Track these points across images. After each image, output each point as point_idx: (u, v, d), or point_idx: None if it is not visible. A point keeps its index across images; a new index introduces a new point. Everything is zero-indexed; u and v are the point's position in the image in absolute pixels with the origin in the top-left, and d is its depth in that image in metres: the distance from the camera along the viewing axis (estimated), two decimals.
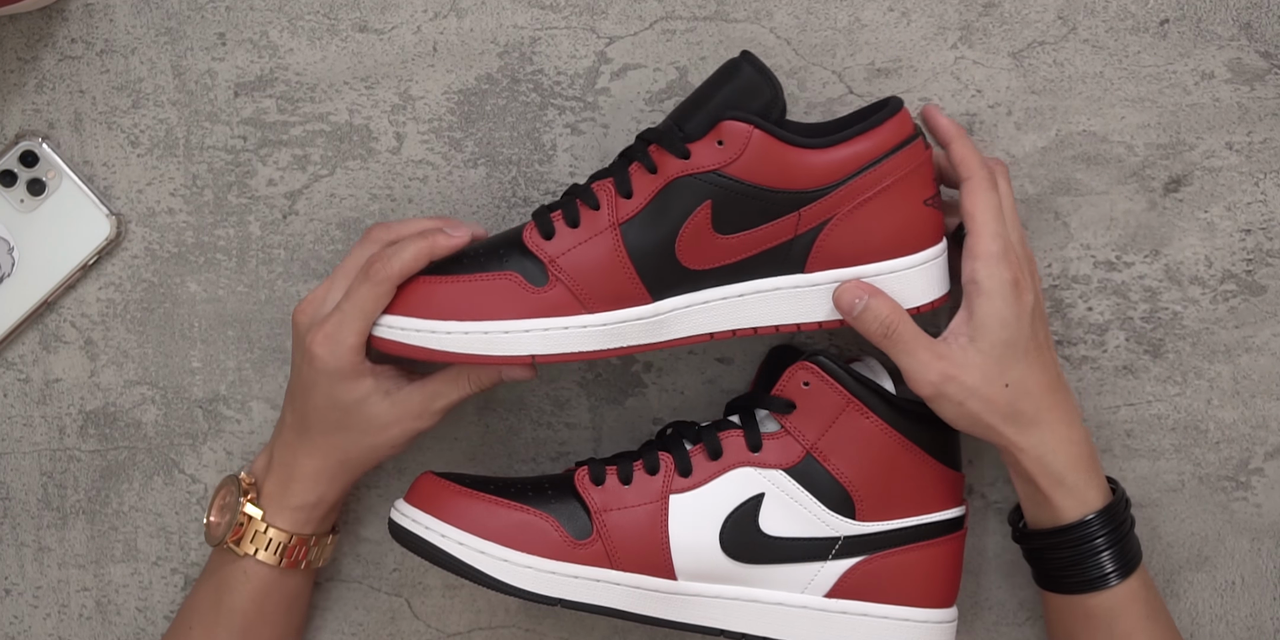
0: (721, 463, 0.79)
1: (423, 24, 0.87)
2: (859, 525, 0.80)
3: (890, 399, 0.79)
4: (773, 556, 0.79)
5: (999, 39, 0.86)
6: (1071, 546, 0.79)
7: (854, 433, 0.79)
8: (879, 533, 0.80)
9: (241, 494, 0.83)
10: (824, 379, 0.79)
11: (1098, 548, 0.78)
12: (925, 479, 0.80)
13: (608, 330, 0.77)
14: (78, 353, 0.90)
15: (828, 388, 0.79)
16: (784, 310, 0.78)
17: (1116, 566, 0.79)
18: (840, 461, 0.79)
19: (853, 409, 0.79)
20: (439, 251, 0.79)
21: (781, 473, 0.79)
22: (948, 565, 0.82)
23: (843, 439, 0.79)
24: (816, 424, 0.79)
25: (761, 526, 0.79)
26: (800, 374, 0.79)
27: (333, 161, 0.88)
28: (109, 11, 0.88)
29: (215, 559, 0.85)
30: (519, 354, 0.76)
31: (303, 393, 0.81)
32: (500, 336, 0.76)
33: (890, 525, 0.80)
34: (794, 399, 0.80)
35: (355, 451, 0.82)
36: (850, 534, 0.80)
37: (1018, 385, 0.77)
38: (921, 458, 0.80)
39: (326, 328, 0.79)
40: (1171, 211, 0.87)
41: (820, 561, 0.80)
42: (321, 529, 0.84)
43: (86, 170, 0.89)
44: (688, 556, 0.78)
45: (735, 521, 0.79)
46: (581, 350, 0.77)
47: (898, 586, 0.80)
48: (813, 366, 0.79)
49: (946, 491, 0.81)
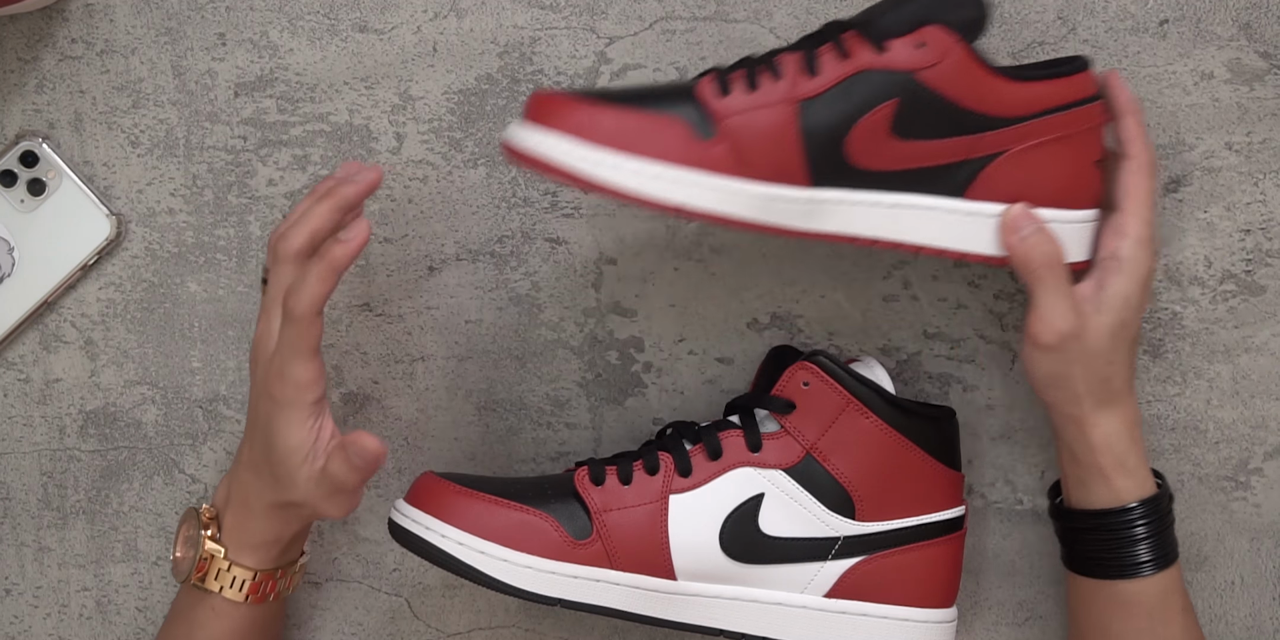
0: (721, 463, 0.79)
1: (423, 24, 0.87)
2: (859, 525, 0.80)
3: (890, 399, 0.79)
4: (772, 556, 0.79)
5: (999, 39, 0.86)
6: (1122, 529, 0.78)
7: (854, 433, 0.79)
8: (879, 533, 0.80)
9: (202, 528, 0.80)
10: (824, 379, 0.79)
11: (1146, 533, 0.78)
12: (925, 479, 0.80)
13: (761, 202, 0.73)
14: (78, 353, 0.90)
15: (827, 388, 0.79)
16: (934, 231, 0.76)
17: (1159, 554, 0.79)
18: (840, 461, 0.79)
19: (852, 409, 0.79)
20: (341, 264, 0.74)
21: (781, 473, 0.79)
22: (948, 565, 0.82)
23: (842, 439, 0.79)
24: (816, 424, 0.79)
25: (761, 526, 0.79)
26: (800, 374, 0.79)
27: (333, 162, 0.88)
28: (109, 11, 0.88)
29: (183, 596, 0.83)
30: (670, 200, 0.72)
31: (261, 429, 0.78)
32: (656, 180, 0.72)
33: (890, 525, 0.80)
34: (794, 399, 0.80)
35: (315, 494, 0.78)
36: (850, 534, 0.80)
37: (1117, 364, 0.78)
38: (921, 457, 0.80)
39: (274, 367, 0.76)
40: (1171, 211, 0.87)
41: (820, 561, 0.80)
42: (286, 560, 0.82)
43: (86, 170, 0.89)
44: (687, 556, 0.78)
45: (735, 521, 0.79)
46: (731, 214, 0.73)
47: (897, 586, 0.80)
48: (812, 366, 0.79)
49: (946, 491, 0.81)
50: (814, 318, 0.88)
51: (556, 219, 0.88)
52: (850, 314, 0.88)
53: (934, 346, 0.88)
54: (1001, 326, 0.87)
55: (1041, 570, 0.89)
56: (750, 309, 0.88)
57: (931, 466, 0.80)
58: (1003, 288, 0.87)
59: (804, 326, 0.88)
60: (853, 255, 0.87)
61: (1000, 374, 0.88)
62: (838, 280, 0.88)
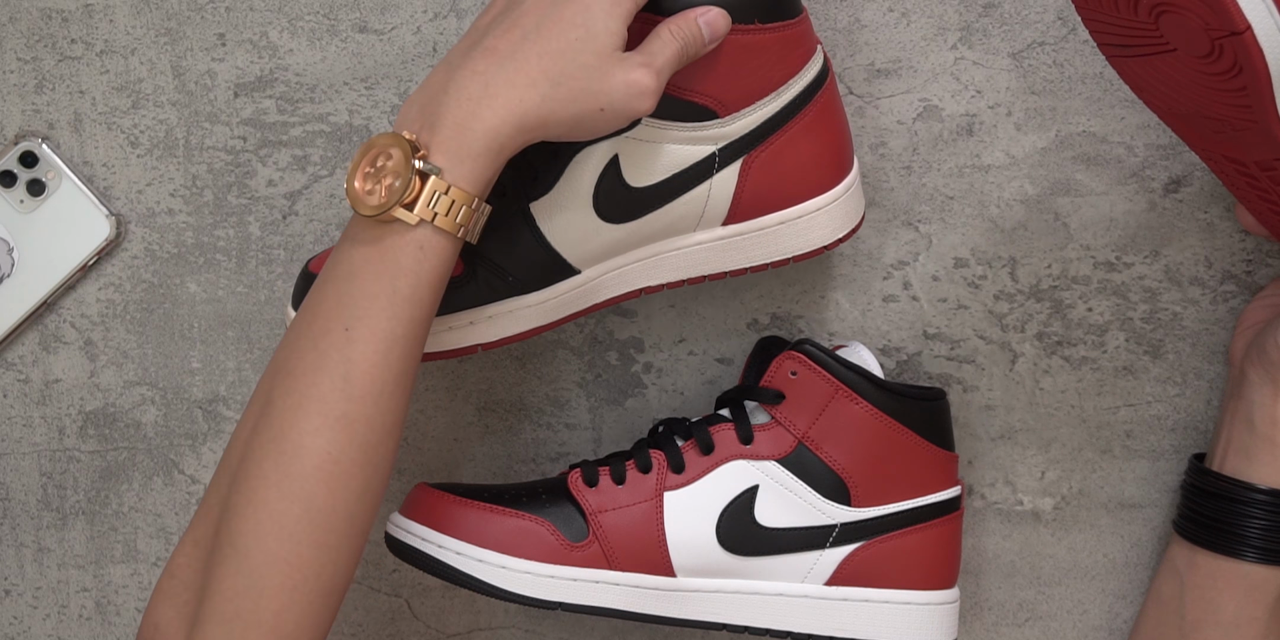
0: (714, 457, 0.80)
1: (423, 24, 0.87)
2: (855, 511, 0.80)
3: (879, 383, 0.79)
4: (770, 548, 0.79)
5: (999, 39, 0.86)
6: (1278, 510, 0.77)
7: (844, 419, 0.79)
8: (875, 518, 0.80)
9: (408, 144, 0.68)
10: (811, 367, 0.79)
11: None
12: (918, 461, 0.80)
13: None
14: (77, 353, 0.90)
15: (815, 376, 0.79)
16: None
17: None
18: (832, 449, 0.79)
19: (841, 395, 0.79)
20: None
21: (774, 464, 0.79)
22: (947, 546, 0.82)
23: (834, 426, 0.79)
24: (806, 413, 0.79)
25: (758, 518, 0.79)
26: (787, 364, 0.79)
27: (332, 162, 0.88)
28: (109, 12, 0.88)
29: (360, 233, 0.68)
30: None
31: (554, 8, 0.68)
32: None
33: (886, 510, 0.80)
34: (782, 389, 0.80)
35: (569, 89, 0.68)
36: (847, 521, 0.80)
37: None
38: (913, 440, 0.80)
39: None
40: (1171, 212, 0.87)
41: (818, 550, 0.80)
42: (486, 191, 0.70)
43: (86, 171, 0.89)
44: (685, 552, 0.79)
45: (731, 515, 0.79)
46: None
47: (897, 570, 0.80)
48: (799, 355, 0.79)
49: (940, 472, 0.81)
50: (814, 318, 0.88)
51: None
52: (850, 314, 0.88)
53: (934, 346, 0.88)
54: (1002, 327, 0.87)
55: (1041, 570, 0.89)
56: (750, 309, 0.88)
57: (924, 448, 0.80)
58: (1003, 288, 0.87)
59: (804, 327, 0.88)
60: (853, 255, 0.87)
61: (1000, 374, 0.88)
62: (838, 280, 0.88)
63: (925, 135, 0.86)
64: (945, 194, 0.87)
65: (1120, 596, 0.89)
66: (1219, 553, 0.79)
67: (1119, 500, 0.88)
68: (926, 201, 0.87)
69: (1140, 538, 0.88)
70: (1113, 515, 0.89)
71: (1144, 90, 0.73)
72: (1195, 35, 0.64)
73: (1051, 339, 0.87)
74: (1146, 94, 0.73)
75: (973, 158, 0.87)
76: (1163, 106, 0.73)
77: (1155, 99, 0.73)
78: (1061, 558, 0.89)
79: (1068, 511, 0.89)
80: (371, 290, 0.67)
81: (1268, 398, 0.78)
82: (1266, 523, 0.77)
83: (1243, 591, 0.78)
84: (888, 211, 0.87)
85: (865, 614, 0.80)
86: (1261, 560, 0.78)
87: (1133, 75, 0.72)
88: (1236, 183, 0.76)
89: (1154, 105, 0.74)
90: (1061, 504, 0.89)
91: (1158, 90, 0.72)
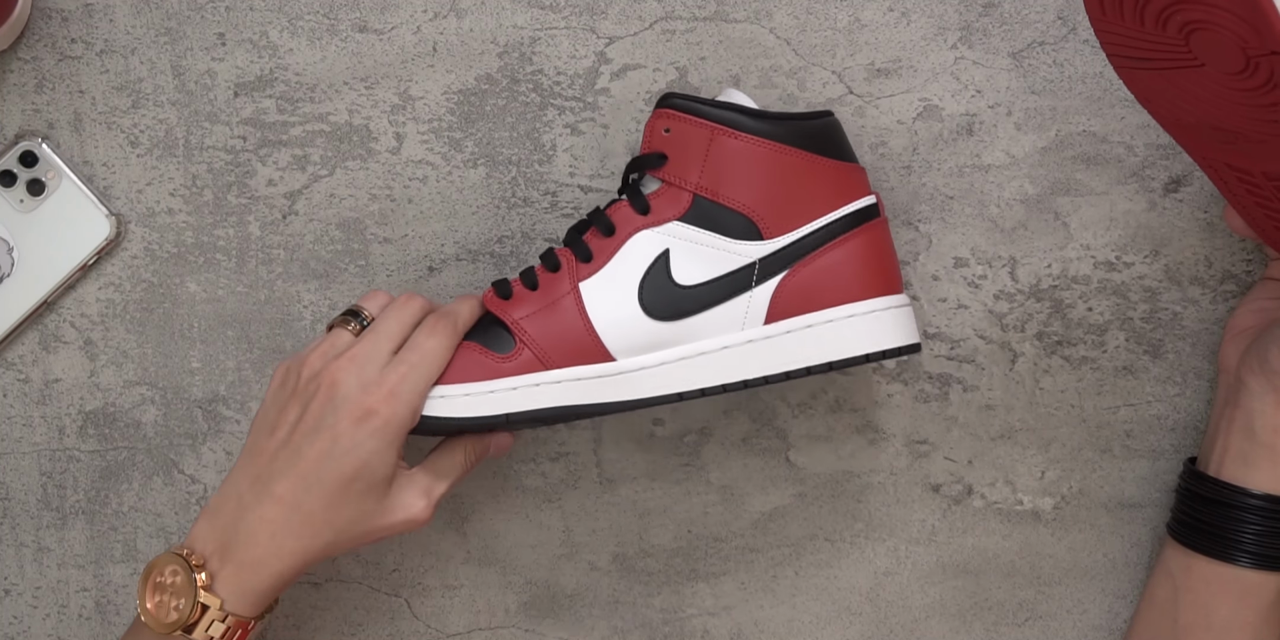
0: (618, 237, 0.79)
1: (422, 24, 0.87)
2: (768, 244, 0.78)
3: (754, 113, 0.78)
4: (698, 305, 0.78)
5: (999, 39, 0.86)
6: (1276, 517, 0.77)
7: (729, 157, 0.78)
8: (791, 243, 0.78)
9: (194, 571, 0.75)
10: (682, 119, 0.78)
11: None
12: (819, 178, 0.79)
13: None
14: (77, 353, 0.90)
15: (688, 125, 0.78)
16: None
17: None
18: (728, 190, 0.78)
19: (720, 134, 0.78)
20: None
21: (676, 223, 0.78)
22: (877, 253, 0.80)
23: (721, 167, 0.78)
24: (692, 164, 0.78)
25: (676, 280, 0.78)
26: (659, 123, 0.79)
27: (332, 162, 0.88)
28: (109, 11, 0.88)
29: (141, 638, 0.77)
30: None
31: (331, 460, 0.75)
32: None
33: (799, 233, 0.78)
34: (662, 149, 0.79)
35: (351, 534, 0.77)
36: (764, 254, 0.78)
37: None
38: (807, 159, 0.78)
39: (389, 385, 0.75)
40: (1171, 212, 0.87)
41: (746, 292, 0.78)
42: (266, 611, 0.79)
43: (86, 170, 0.89)
44: (616, 333, 0.78)
45: (651, 284, 0.78)
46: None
47: (830, 288, 0.78)
48: (667, 111, 0.78)
49: (847, 184, 0.80)
50: None
51: (556, 219, 0.88)
52: None
53: (934, 346, 0.88)
54: (1002, 327, 0.88)
55: (1041, 570, 0.89)
56: None
57: (822, 164, 0.79)
58: (1003, 288, 0.87)
59: None
60: None
61: (1000, 374, 0.88)
62: None
63: (925, 135, 0.86)
64: (945, 193, 0.87)
65: (1120, 596, 0.89)
66: (1213, 558, 0.79)
67: (1119, 500, 0.88)
68: (926, 201, 0.87)
69: (1140, 537, 0.88)
70: (1112, 515, 0.89)
71: (1152, 101, 0.73)
72: (1229, 52, 0.64)
73: (1051, 339, 0.87)
74: (1154, 104, 0.73)
75: (973, 157, 0.87)
76: (1169, 116, 0.73)
77: (1163, 109, 0.73)
78: (1061, 557, 0.89)
79: (1067, 511, 0.89)
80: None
81: (1270, 406, 0.77)
82: (1261, 528, 0.77)
83: (1236, 596, 0.78)
84: (888, 211, 0.87)
85: (812, 339, 0.78)
86: (1255, 565, 0.78)
87: (1143, 86, 0.72)
88: (1235, 190, 0.75)
89: (1160, 115, 0.73)
90: (1061, 504, 0.89)
91: (1169, 101, 0.71)
